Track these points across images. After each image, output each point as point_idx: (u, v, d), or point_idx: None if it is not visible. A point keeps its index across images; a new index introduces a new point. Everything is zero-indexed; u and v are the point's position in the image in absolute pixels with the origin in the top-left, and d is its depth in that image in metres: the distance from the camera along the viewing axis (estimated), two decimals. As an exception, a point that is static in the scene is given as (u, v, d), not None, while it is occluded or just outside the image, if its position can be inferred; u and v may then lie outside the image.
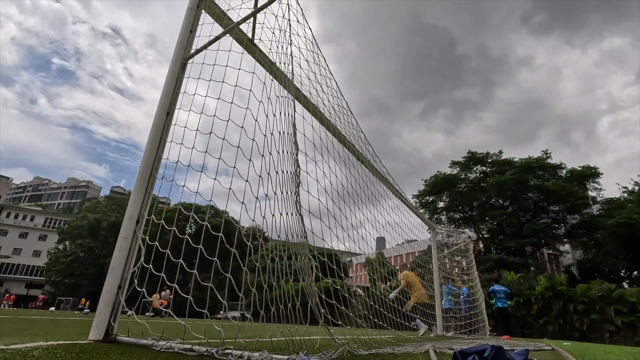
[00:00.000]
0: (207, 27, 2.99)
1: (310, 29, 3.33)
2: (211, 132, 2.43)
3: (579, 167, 27.09)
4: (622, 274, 27.29)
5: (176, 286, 2.14)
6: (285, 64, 2.88)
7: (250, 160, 2.29)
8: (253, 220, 2.22)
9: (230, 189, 2.27)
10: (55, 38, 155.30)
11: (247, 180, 2.23)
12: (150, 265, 2.24)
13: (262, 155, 2.32)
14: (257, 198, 2.22)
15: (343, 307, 2.78)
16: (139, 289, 2.29)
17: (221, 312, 20.29)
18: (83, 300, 25.20)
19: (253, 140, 2.33)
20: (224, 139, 2.38)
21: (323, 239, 2.54)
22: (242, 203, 2.22)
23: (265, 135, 2.39)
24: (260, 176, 2.26)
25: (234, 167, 2.28)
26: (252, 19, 3.14)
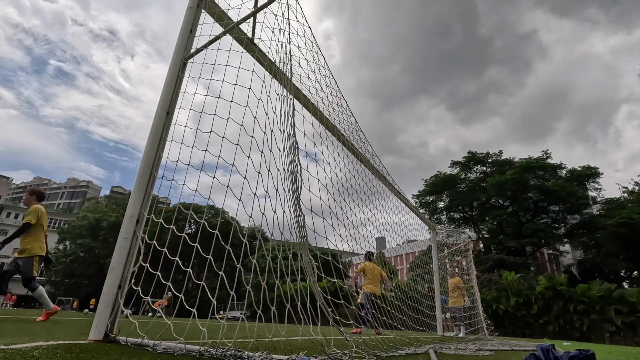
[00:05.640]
0: (207, 26, 3.00)
1: (310, 27, 3.33)
2: (211, 131, 2.43)
3: (579, 167, 27.17)
4: (622, 274, 27.30)
5: (178, 285, 2.14)
6: (284, 62, 2.89)
7: (249, 157, 2.29)
8: (250, 217, 2.21)
9: (228, 186, 2.27)
10: (52, 39, 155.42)
11: (245, 177, 2.23)
12: (151, 265, 2.24)
13: (262, 152, 2.32)
14: (255, 194, 2.22)
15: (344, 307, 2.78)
16: (139, 288, 2.29)
17: (222, 312, 20.30)
18: (93, 300, 25.08)
19: (252, 137, 2.33)
20: (223, 137, 2.38)
21: (327, 238, 2.54)
22: (239, 200, 2.21)
23: (265, 133, 2.39)
24: (259, 172, 2.25)
25: (233, 165, 2.28)
26: (252, 18, 3.14)
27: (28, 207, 4.93)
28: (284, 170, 2.46)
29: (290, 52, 2.87)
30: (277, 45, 3.00)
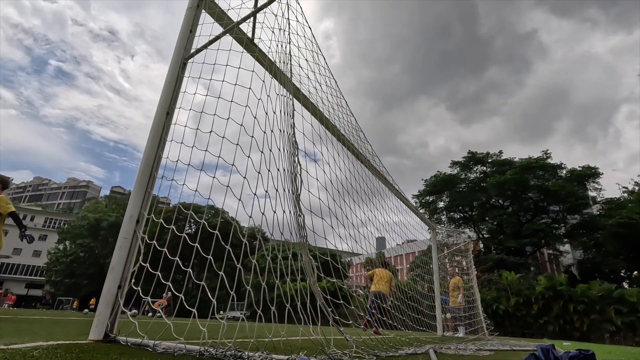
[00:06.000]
0: (207, 26, 3.00)
1: (310, 27, 3.33)
2: (211, 131, 2.43)
3: (579, 167, 27.17)
4: (622, 274, 27.30)
5: (178, 285, 2.14)
6: (284, 62, 2.89)
7: (249, 157, 2.29)
8: (250, 217, 2.21)
9: (228, 186, 2.27)
10: (52, 39, 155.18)
11: (245, 177, 2.23)
12: (148, 265, 2.24)
13: (262, 152, 2.32)
14: (255, 194, 2.22)
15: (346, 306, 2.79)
16: (139, 288, 2.29)
17: (222, 312, 20.30)
18: (93, 300, 25.38)
19: (252, 137, 2.33)
20: (223, 137, 2.38)
21: (325, 239, 2.54)
22: (239, 200, 2.21)
23: (265, 133, 2.39)
24: (259, 172, 2.25)
25: (233, 165, 2.28)
26: (252, 18, 3.14)
27: None
28: (284, 170, 2.46)
29: (290, 52, 2.87)
30: (277, 45, 3.00)
